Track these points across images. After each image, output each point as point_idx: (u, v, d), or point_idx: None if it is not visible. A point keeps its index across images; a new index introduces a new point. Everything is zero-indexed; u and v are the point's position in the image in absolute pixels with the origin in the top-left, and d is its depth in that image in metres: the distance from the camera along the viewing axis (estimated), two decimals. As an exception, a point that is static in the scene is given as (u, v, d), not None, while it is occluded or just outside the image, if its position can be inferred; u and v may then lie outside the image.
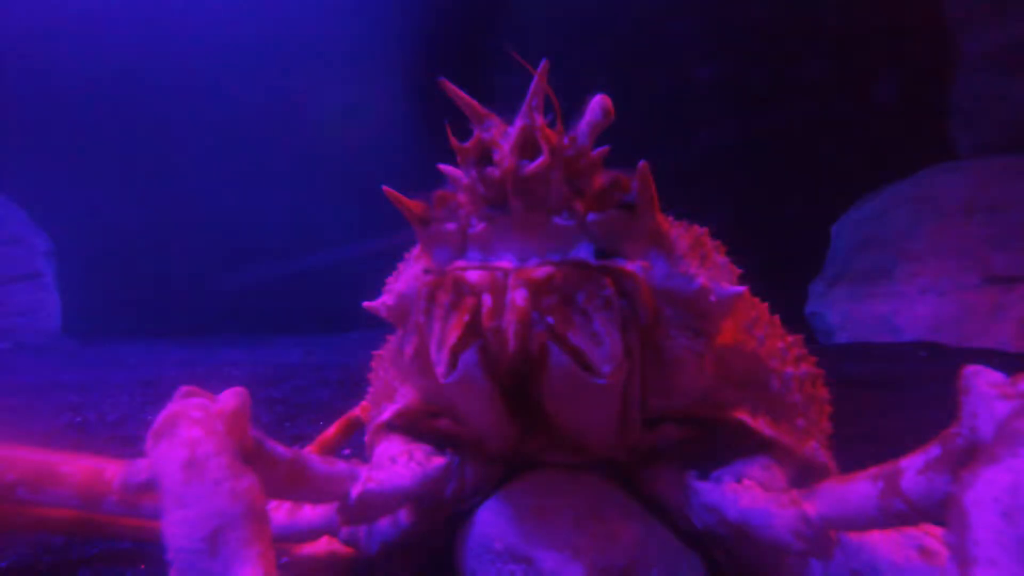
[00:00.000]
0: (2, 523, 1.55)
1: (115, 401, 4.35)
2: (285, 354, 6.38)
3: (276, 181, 10.52)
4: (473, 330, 1.08)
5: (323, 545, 1.64)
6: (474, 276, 1.08)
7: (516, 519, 1.33)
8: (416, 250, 1.32)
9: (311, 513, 1.48)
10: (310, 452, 2.49)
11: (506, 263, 1.11)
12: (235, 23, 10.56)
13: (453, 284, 1.10)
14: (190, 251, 10.04)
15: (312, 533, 1.49)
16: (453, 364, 1.10)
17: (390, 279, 1.37)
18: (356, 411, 2.58)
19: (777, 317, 1.52)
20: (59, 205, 9.69)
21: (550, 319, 1.05)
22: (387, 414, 1.42)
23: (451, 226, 1.16)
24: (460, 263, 1.15)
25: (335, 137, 10.36)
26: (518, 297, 1.04)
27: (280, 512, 1.48)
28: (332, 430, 2.61)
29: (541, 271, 1.06)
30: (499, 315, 1.06)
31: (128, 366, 6.20)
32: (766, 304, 1.49)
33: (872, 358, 6.01)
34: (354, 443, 2.79)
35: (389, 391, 1.48)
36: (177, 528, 0.88)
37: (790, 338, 1.50)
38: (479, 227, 1.14)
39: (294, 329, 8.87)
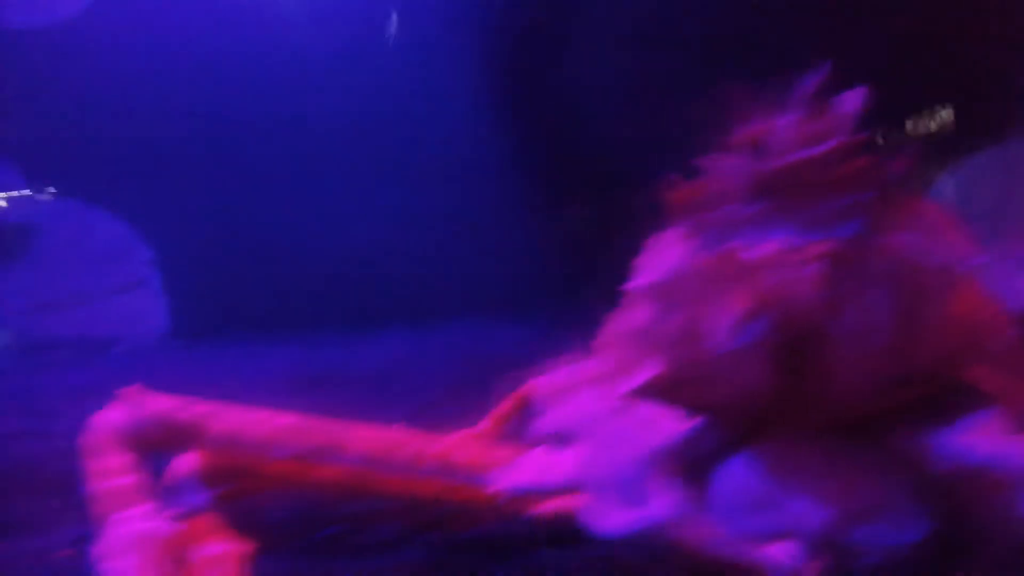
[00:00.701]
0: (286, 482, 1.78)
1: (255, 398, 4.62)
2: (400, 344, 6.64)
3: (372, 181, 10.80)
4: (757, 305, 1.24)
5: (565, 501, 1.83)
6: (759, 254, 1.24)
7: (764, 473, 1.49)
8: (675, 233, 1.48)
9: (557, 475, 1.65)
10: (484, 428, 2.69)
11: (782, 243, 1.27)
12: (324, 28, 10.87)
13: (736, 262, 1.26)
14: (287, 253, 10.42)
15: (561, 490, 1.67)
16: (737, 337, 1.27)
17: (641, 260, 1.54)
18: (527, 388, 2.75)
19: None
20: (160, 217, 10.17)
21: (831, 291, 1.21)
22: (636, 381, 1.58)
23: (724, 210, 1.33)
24: (738, 243, 1.31)
25: (426, 137, 10.61)
26: (802, 272, 1.20)
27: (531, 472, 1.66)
28: (505, 406, 2.79)
29: (823, 246, 1.21)
30: (783, 290, 1.22)
31: (251, 365, 6.52)
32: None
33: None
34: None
35: (629, 363, 1.64)
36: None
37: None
38: (753, 210, 1.30)
39: (386, 321, 9.13)
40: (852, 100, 1.28)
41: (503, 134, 10.93)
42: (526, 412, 2.87)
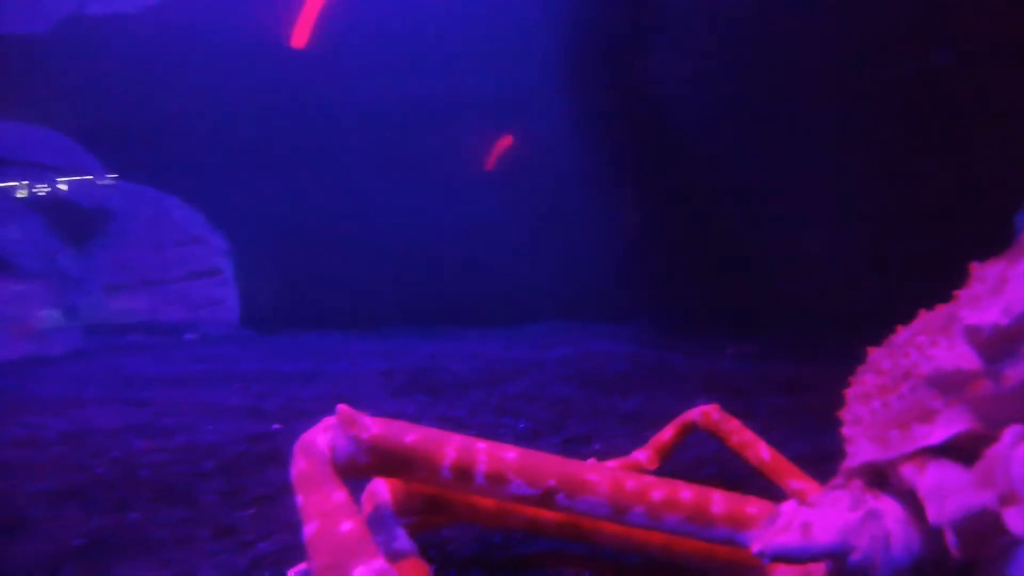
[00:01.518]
0: (491, 518, 1.57)
1: (360, 388, 4.45)
2: (485, 346, 6.43)
3: (436, 176, 10.70)
4: None
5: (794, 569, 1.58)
6: None
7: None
8: (1023, 263, 1.22)
9: (823, 536, 1.41)
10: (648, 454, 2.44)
11: None
12: (386, 25, 10.78)
13: None
14: (355, 246, 10.35)
15: (822, 556, 1.43)
16: None
17: (976, 292, 1.28)
18: (692, 415, 2.52)
19: None
20: (234, 208, 10.17)
21: None
22: (937, 438, 1.33)
23: None
24: None
25: (488, 134, 10.48)
26: None
27: (794, 532, 1.41)
28: (669, 434, 2.56)
29: None
30: None
31: (332, 355, 6.36)
32: None
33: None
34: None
35: (923, 413, 1.39)
36: None
37: None
38: None
39: (463, 322, 8.97)
40: None
41: (592, 141, 10.69)
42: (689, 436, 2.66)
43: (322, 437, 1.31)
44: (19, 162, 8.76)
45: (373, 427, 1.31)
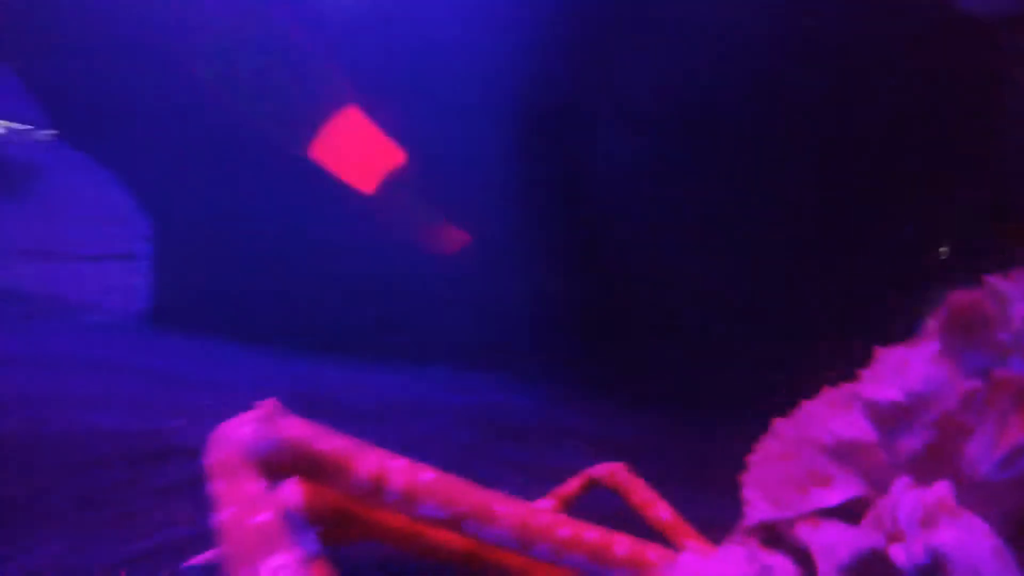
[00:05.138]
0: (399, 538, 1.58)
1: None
2: (394, 382, 6.41)
3: (377, 211, 10.57)
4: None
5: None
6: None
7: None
8: (923, 348, 1.34)
9: None
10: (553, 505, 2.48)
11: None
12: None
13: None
14: (293, 259, 10.06)
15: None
16: (1008, 464, 1.17)
17: (873, 371, 1.39)
18: (599, 471, 2.57)
19: None
20: (162, 193, 9.76)
21: None
22: (834, 500, 1.44)
23: (1003, 335, 1.21)
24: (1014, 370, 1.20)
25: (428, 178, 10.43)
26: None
27: None
28: (573, 487, 2.60)
29: None
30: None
31: (238, 367, 6.22)
32: None
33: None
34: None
35: (821, 478, 1.49)
36: None
37: None
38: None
39: (371, 353, 8.78)
40: None
41: (525, 195, 10.71)
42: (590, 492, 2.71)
43: (243, 430, 1.31)
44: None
45: (296, 427, 1.32)
